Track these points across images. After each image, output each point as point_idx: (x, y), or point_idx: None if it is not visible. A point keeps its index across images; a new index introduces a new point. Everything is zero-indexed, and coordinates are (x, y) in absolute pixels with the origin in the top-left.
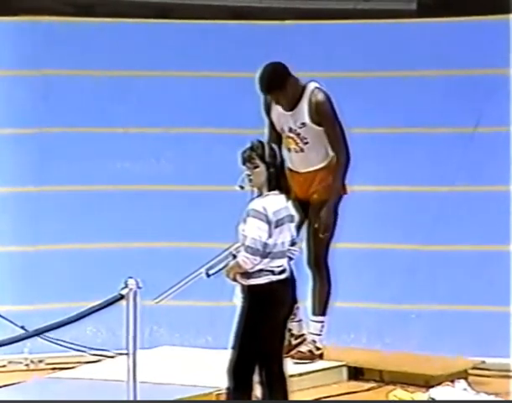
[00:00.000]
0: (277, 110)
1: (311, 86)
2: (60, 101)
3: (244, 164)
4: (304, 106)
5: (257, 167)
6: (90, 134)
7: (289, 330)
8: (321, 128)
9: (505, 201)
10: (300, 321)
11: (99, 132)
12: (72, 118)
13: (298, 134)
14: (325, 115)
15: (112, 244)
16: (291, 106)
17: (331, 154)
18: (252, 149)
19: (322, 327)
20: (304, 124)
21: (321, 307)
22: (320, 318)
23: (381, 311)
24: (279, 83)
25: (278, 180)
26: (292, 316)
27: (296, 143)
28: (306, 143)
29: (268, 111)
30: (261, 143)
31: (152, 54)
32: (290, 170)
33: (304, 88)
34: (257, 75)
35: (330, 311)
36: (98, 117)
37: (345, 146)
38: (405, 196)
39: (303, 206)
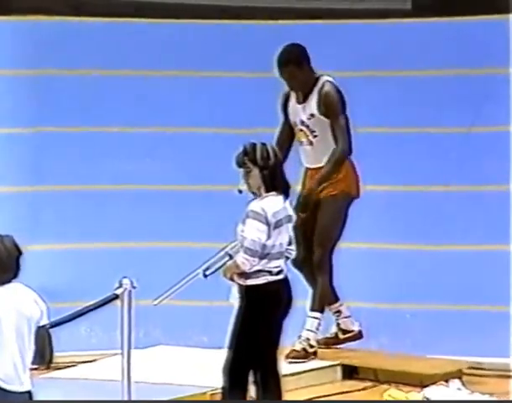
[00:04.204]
0: (292, 102)
1: (324, 78)
2: (56, 100)
3: (239, 168)
4: (314, 97)
5: (250, 171)
6: (87, 134)
7: (338, 325)
8: (328, 121)
9: (505, 200)
10: (348, 317)
11: (96, 131)
12: (69, 118)
13: (307, 126)
14: (331, 106)
15: (107, 244)
16: (303, 96)
17: None
18: (244, 153)
19: (319, 324)
20: (312, 115)
21: (318, 303)
22: (316, 314)
23: (377, 310)
24: (297, 59)
25: (273, 180)
26: (338, 314)
27: (306, 136)
28: (315, 136)
29: (284, 105)
30: (253, 145)
31: (151, 53)
32: (305, 167)
33: (317, 80)
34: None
35: (325, 310)
36: (96, 116)
37: (348, 140)
38: (403, 196)
39: (314, 202)
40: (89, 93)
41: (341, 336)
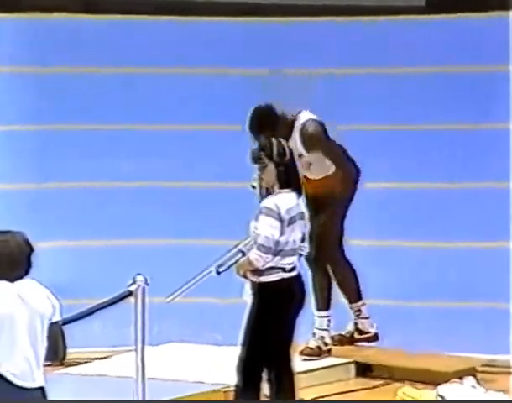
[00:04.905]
0: None
1: (301, 117)
2: (59, 98)
3: (254, 163)
4: (296, 138)
5: (265, 166)
6: (94, 132)
7: (356, 324)
8: (319, 153)
9: (506, 197)
10: (367, 318)
11: (104, 129)
12: (73, 115)
13: (300, 161)
14: (319, 145)
15: (119, 241)
16: (285, 139)
17: None
18: (260, 148)
19: (329, 321)
20: (301, 155)
21: (321, 302)
22: (322, 313)
23: (387, 307)
24: (269, 125)
25: (288, 177)
26: (358, 313)
27: (301, 166)
28: (310, 164)
29: None
30: (269, 141)
31: (157, 50)
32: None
33: (294, 120)
34: (248, 117)
35: (337, 307)
36: (102, 113)
37: (348, 164)
38: (407, 193)
39: (315, 201)
40: (92, 91)
41: (357, 336)
